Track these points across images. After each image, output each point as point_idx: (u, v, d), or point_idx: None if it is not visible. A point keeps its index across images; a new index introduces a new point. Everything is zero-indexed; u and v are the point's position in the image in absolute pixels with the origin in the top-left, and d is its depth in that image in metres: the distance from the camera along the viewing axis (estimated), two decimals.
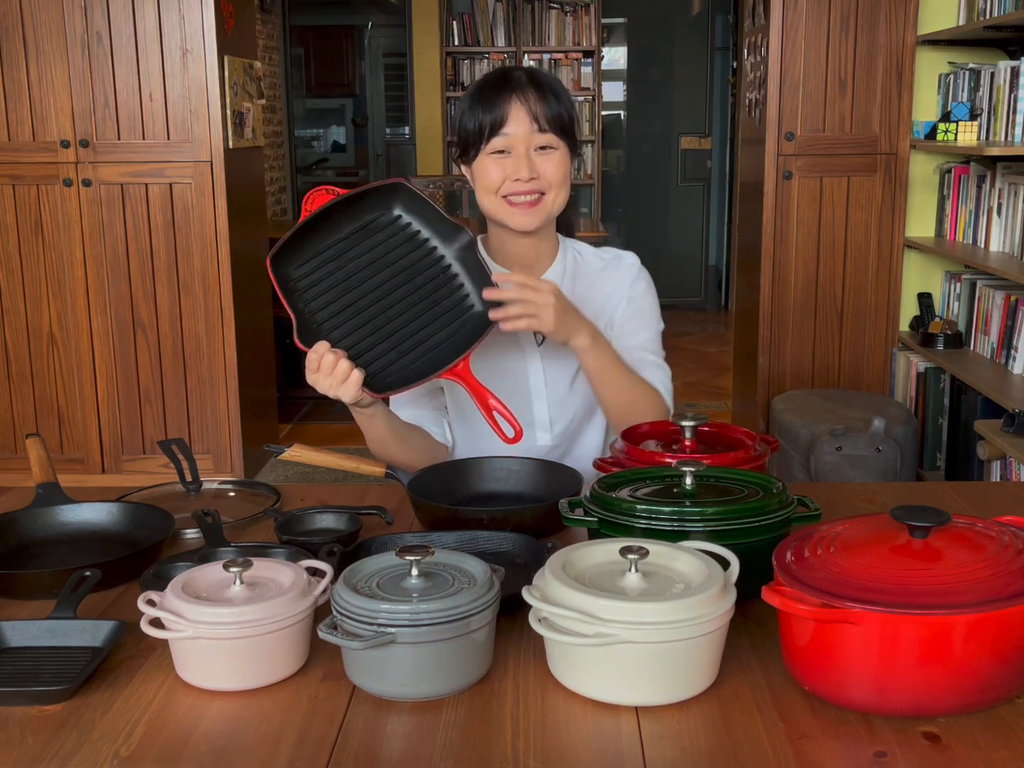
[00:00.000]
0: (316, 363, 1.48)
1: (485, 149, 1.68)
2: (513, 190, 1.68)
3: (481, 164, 1.70)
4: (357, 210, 1.56)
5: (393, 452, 1.69)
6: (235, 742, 0.99)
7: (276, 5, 7.59)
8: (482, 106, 1.68)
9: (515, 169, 1.67)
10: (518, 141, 1.67)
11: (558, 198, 1.71)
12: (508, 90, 1.67)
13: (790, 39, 3.88)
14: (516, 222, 1.70)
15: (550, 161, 1.68)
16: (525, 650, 1.13)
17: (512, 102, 1.66)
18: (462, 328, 1.56)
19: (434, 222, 1.58)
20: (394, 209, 1.58)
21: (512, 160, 1.67)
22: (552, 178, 1.68)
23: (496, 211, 1.71)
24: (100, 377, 4.05)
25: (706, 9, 7.96)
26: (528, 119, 1.66)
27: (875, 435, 3.34)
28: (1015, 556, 1.03)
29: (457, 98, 7.53)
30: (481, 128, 1.67)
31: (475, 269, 1.58)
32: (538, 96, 1.67)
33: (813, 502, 1.29)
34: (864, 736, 0.98)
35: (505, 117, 1.66)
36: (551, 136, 1.68)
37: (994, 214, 3.69)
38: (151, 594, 1.10)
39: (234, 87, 3.95)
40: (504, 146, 1.67)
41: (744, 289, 4.54)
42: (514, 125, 1.66)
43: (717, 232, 8.26)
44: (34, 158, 3.89)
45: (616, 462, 1.46)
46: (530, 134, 1.67)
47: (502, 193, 1.69)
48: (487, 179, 1.69)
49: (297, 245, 1.53)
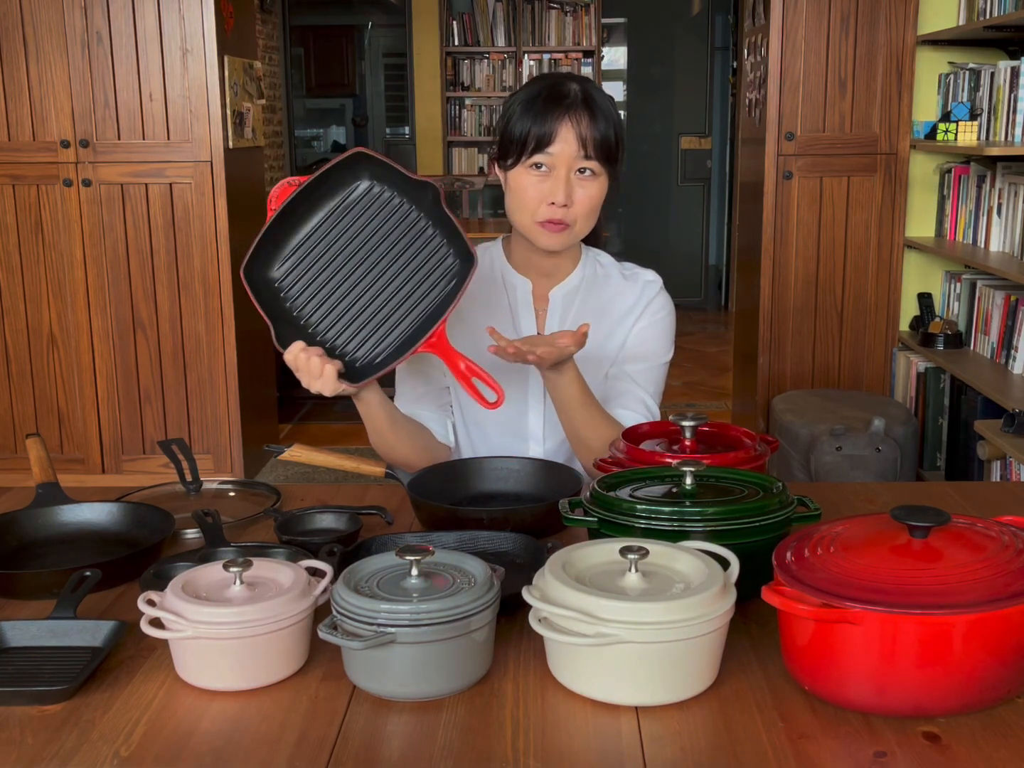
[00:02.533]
0: (293, 363, 1.49)
1: (525, 161, 1.65)
2: (547, 217, 1.66)
3: (518, 178, 1.67)
4: (326, 191, 1.53)
5: (392, 445, 1.68)
6: (235, 742, 0.99)
7: (276, 5, 7.59)
8: (532, 116, 1.64)
9: (551, 192, 1.64)
10: (561, 162, 1.64)
11: (585, 228, 1.70)
12: (562, 108, 1.63)
13: (790, 39, 3.88)
14: (543, 243, 1.69)
15: (586, 190, 1.65)
16: (525, 650, 1.13)
17: (563, 121, 1.63)
18: (444, 290, 1.54)
19: (401, 183, 1.54)
20: (363, 180, 1.54)
21: (551, 182, 1.65)
22: (581, 210, 1.66)
23: (526, 230, 1.70)
24: (100, 377, 4.05)
25: (706, 9, 7.96)
26: (576, 142, 1.63)
27: (875, 435, 3.34)
28: (1015, 556, 1.03)
29: (458, 98, 7.54)
30: (526, 140, 1.64)
31: (446, 223, 1.54)
32: (590, 119, 1.64)
33: (813, 502, 1.29)
34: (864, 736, 0.98)
35: (553, 135, 1.63)
36: (594, 164, 1.65)
37: (994, 214, 3.69)
38: (151, 594, 1.10)
39: (234, 87, 3.96)
40: (545, 163, 1.64)
41: (744, 289, 4.54)
42: (560, 145, 1.63)
43: (717, 232, 8.26)
44: (34, 158, 3.89)
45: (616, 462, 1.46)
46: (574, 158, 1.64)
47: (536, 219, 1.67)
48: (523, 198, 1.67)
49: (273, 244, 1.52)
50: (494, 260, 1.81)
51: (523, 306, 1.79)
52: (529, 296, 1.79)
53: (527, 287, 1.79)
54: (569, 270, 1.79)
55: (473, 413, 1.79)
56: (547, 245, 1.70)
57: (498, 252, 1.82)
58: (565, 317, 1.78)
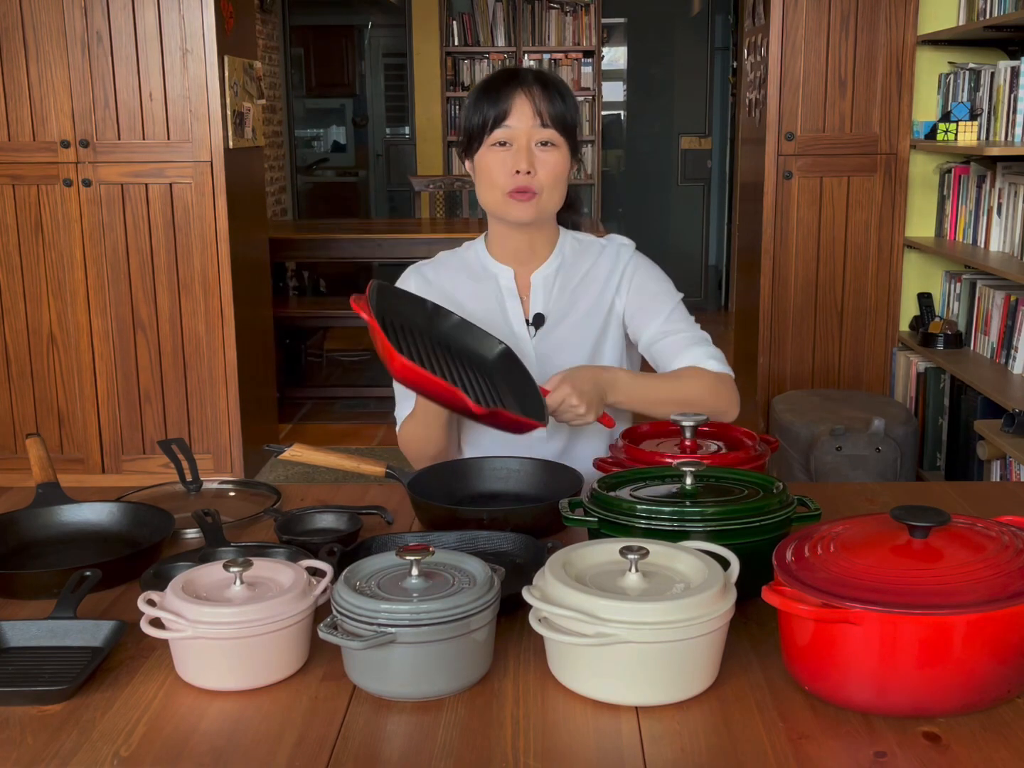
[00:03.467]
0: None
1: (487, 141, 1.71)
2: (514, 186, 1.70)
3: (483, 159, 1.73)
4: None
5: (433, 443, 1.74)
6: (235, 742, 0.99)
7: (276, 5, 7.59)
8: (487, 100, 1.71)
9: (515, 161, 1.69)
10: (520, 134, 1.69)
11: (552, 198, 1.74)
12: (514, 84, 1.70)
13: (790, 39, 3.88)
14: (515, 215, 1.73)
15: (548, 158, 1.70)
16: (525, 650, 1.13)
17: (517, 96, 1.69)
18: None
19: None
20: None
21: (512, 153, 1.70)
22: (546, 179, 1.71)
23: (497, 205, 1.74)
24: (100, 377, 4.04)
25: (706, 9, 7.96)
26: (532, 113, 1.69)
27: (875, 435, 3.34)
28: (1015, 556, 1.03)
29: (457, 98, 7.53)
30: (484, 120, 1.70)
31: None
32: (543, 93, 1.70)
33: (813, 502, 1.29)
34: (864, 736, 0.98)
35: (509, 110, 1.69)
36: (553, 132, 1.70)
37: (994, 214, 3.69)
38: (151, 594, 1.10)
39: (234, 87, 3.95)
40: (506, 138, 1.70)
41: (744, 289, 4.54)
42: (517, 118, 1.69)
43: (717, 232, 8.26)
44: (34, 158, 3.89)
45: (616, 462, 1.46)
46: (532, 128, 1.69)
47: (504, 191, 1.71)
48: (489, 174, 1.72)
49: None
50: (477, 254, 1.85)
51: (507, 293, 1.82)
52: (512, 283, 1.82)
53: (509, 274, 1.82)
54: (547, 253, 1.83)
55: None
56: (519, 216, 1.73)
57: (480, 246, 1.86)
58: (549, 297, 1.81)
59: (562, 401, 1.56)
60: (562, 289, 1.81)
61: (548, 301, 1.81)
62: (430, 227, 5.64)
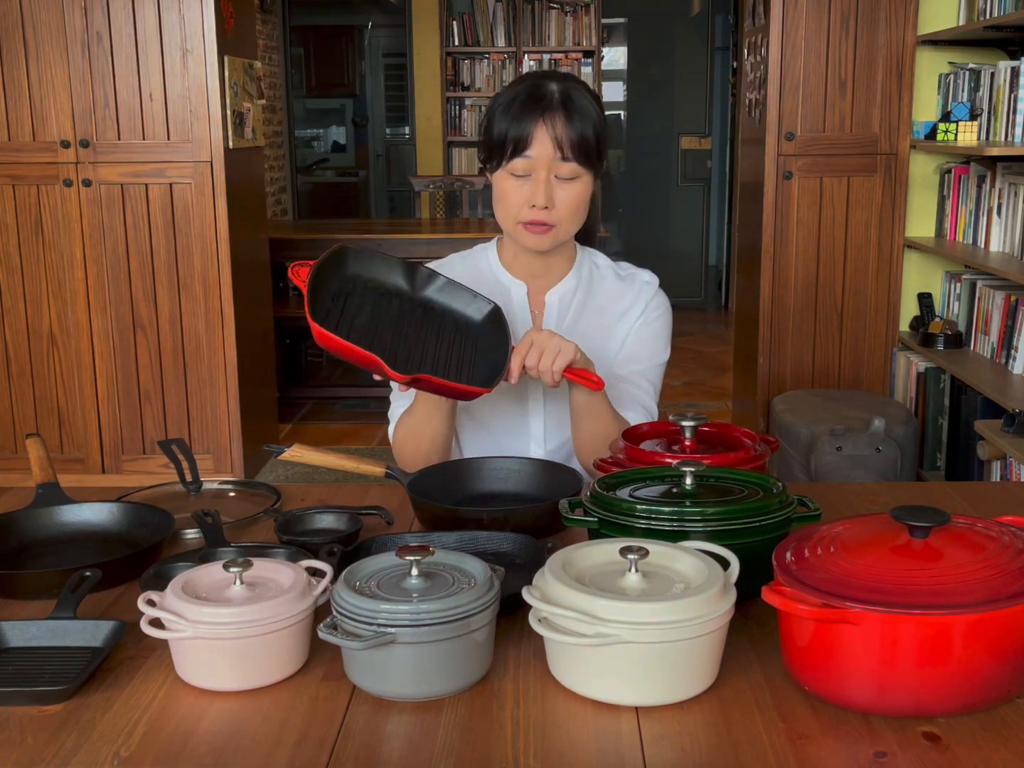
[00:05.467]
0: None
1: (506, 166, 1.66)
2: (529, 218, 1.66)
3: (500, 182, 1.68)
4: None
5: (427, 448, 1.70)
6: (235, 742, 0.99)
7: (276, 5, 7.59)
8: (510, 120, 1.65)
9: (532, 195, 1.65)
10: (539, 165, 1.64)
11: (570, 228, 1.70)
12: (537, 110, 1.63)
13: (790, 39, 3.88)
14: (528, 244, 1.70)
15: (568, 193, 1.66)
16: (525, 650, 1.13)
17: (538, 125, 1.63)
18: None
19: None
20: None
21: (531, 185, 1.65)
22: (564, 212, 1.67)
23: (511, 231, 1.71)
24: (100, 377, 4.05)
25: (706, 9, 7.96)
26: (552, 146, 1.63)
27: (875, 435, 3.34)
28: (1015, 556, 1.03)
29: (457, 98, 7.54)
30: (504, 144, 1.65)
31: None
32: (566, 120, 1.63)
33: (813, 502, 1.29)
34: (864, 736, 0.98)
35: (529, 139, 1.63)
36: (574, 166, 1.64)
37: (994, 214, 3.69)
38: (151, 594, 1.10)
39: (234, 87, 3.95)
40: (524, 170, 1.65)
41: (744, 289, 4.54)
42: (536, 149, 1.63)
43: (717, 232, 8.26)
44: (34, 158, 3.89)
45: (616, 462, 1.46)
46: (552, 161, 1.64)
47: (518, 220, 1.67)
48: (506, 201, 1.68)
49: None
50: (490, 264, 1.81)
51: (519, 308, 1.78)
52: (525, 299, 1.79)
53: (522, 290, 1.79)
54: (564, 271, 1.79)
55: (474, 413, 1.79)
56: (532, 246, 1.70)
57: (493, 255, 1.82)
58: (562, 320, 1.78)
59: (531, 343, 1.52)
60: (577, 315, 1.78)
61: (561, 323, 1.77)
62: (430, 227, 5.64)
